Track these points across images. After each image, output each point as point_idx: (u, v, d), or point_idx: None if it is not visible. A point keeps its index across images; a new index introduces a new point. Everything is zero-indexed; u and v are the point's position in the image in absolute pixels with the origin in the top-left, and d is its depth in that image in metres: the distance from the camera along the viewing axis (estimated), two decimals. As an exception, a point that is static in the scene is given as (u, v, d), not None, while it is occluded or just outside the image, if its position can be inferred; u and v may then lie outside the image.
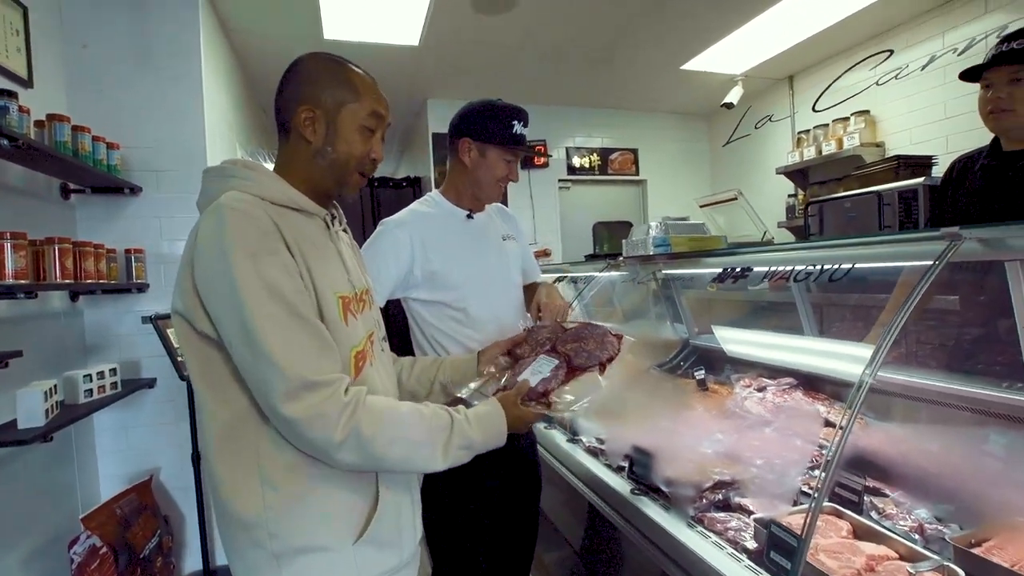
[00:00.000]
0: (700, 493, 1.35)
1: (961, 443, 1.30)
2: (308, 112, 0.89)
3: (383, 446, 0.81)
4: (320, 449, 0.79)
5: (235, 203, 0.80)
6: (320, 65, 0.93)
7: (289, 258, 0.81)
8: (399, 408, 0.86)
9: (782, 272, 1.38)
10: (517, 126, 1.42)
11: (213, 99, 2.67)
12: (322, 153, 0.91)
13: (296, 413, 0.76)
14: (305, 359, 0.77)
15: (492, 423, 0.96)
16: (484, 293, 1.45)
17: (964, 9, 3.10)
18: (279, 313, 0.77)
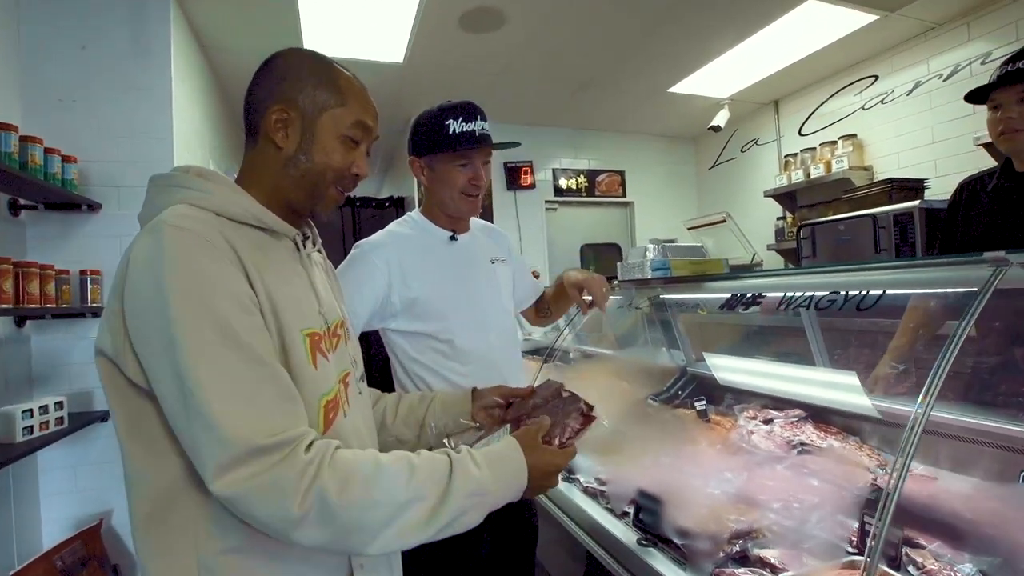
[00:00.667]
0: (718, 546, 1.21)
1: (1002, 486, 1.19)
2: (281, 113, 0.76)
3: (359, 512, 0.63)
4: (275, 528, 0.61)
5: (179, 220, 0.65)
6: (302, 61, 0.79)
7: (245, 288, 0.66)
8: (378, 459, 0.68)
9: (799, 300, 1.27)
10: (454, 124, 1.23)
11: (184, 115, 2.52)
12: (294, 161, 0.77)
13: (236, 487, 0.59)
14: (256, 418, 0.61)
15: (507, 461, 0.75)
16: (472, 323, 1.31)
17: (948, 36, 3.14)
18: (226, 358, 0.61)
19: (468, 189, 1.28)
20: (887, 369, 1.60)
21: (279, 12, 2.68)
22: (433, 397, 1.07)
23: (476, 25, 2.95)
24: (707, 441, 1.82)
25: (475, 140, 1.24)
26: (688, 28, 3.11)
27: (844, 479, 1.39)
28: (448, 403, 1.05)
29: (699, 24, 3.06)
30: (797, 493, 1.39)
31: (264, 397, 0.62)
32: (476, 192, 1.29)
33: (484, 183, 1.30)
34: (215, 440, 0.58)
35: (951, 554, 1.14)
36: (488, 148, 1.27)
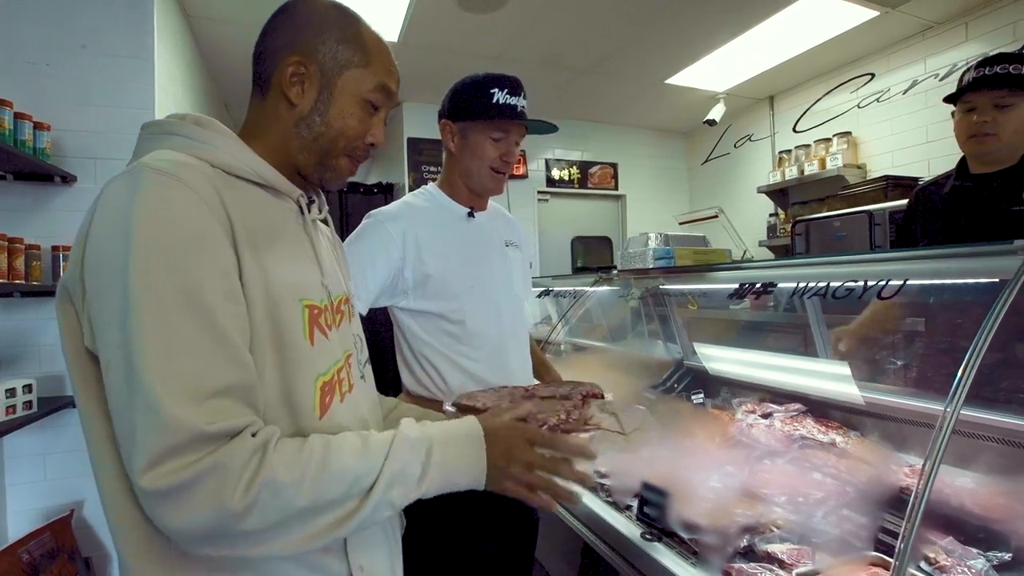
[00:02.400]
0: (726, 540, 1.18)
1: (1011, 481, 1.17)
2: (299, 66, 0.68)
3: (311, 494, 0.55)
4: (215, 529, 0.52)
5: (164, 164, 0.57)
6: (326, 10, 0.71)
7: (228, 251, 0.58)
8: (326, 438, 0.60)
9: (815, 289, 1.23)
10: (499, 94, 1.17)
11: (167, 86, 2.40)
12: (307, 122, 0.70)
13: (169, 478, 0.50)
14: (205, 401, 0.52)
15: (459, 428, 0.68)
16: (485, 305, 1.24)
17: (945, 36, 3.14)
18: (188, 330, 0.53)
19: (498, 164, 1.23)
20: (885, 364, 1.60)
21: (269, -18, 2.56)
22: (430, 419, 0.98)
23: (475, 4, 2.86)
24: (706, 434, 1.79)
25: (515, 115, 1.19)
26: (688, 18, 3.07)
27: (851, 475, 1.37)
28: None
29: (700, 14, 3.02)
30: (801, 488, 1.36)
31: (219, 380, 0.54)
32: (504, 169, 1.24)
33: (514, 161, 1.25)
34: (153, 423, 0.50)
35: (962, 549, 1.12)
36: (525, 126, 1.22)
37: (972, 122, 1.49)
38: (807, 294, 1.25)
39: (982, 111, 1.47)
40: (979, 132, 1.48)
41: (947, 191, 1.63)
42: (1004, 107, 1.44)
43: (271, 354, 0.61)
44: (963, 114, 1.53)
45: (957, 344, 1.50)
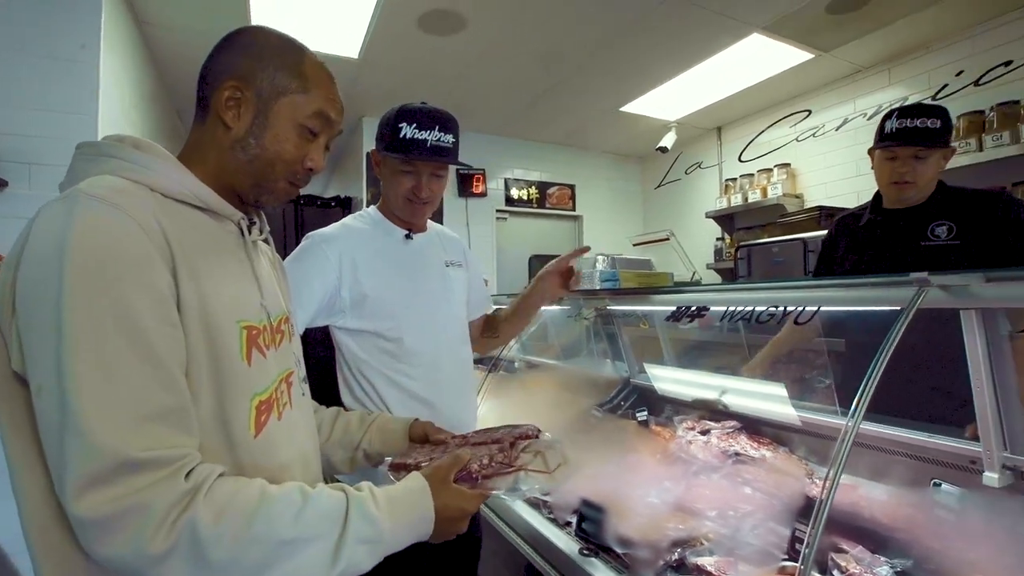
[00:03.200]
0: (658, 554, 1.22)
1: (915, 493, 1.27)
2: (235, 90, 0.70)
3: (237, 550, 0.55)
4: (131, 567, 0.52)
5: (100, 191, 0.58)
6: (268, 39, 0.73)
7: (165, 277, 0.58)
8: (264, 489, 0.60)
9: (741, 313, 1.31)
10: (406, 128, 1.17)
11: (112, 92, 2.34)
12: (243, 145, 0.71)
13: (97, 509, 0.50)
14: (136, 427, 0.52)
15: (412, 505, 0.69)
16: (422, 323, 1.27)
17: (872, 79, 3.42)
18: (122, 356, 0.53)
19: (409, 196, 1.24)
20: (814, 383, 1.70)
21: (227, -7, 2.55)
22: (372, 422, 0.99)
23: (436, 27, 2.92)
24: (648, 451, 1.85)
25: (422, 151, 1.19)
26: (641, 51, 3.22)
27: (776, 488, 1.45)
28: (386, 431, 0.98)
29: (651, 48, 3.18)
30: (733, 502, 1.43)
31: (150, 404, 0.54)
32: (416, 201, 1.24)
33: (428, 195, 1.24)
34: (83, 449, 0.50)
35: (870, 557, 1.21)
36: (432, 162, 1.22)
37: (893, 170, 1.60)
38: (735, 318, 1.33)
39: (903, 162, 1.58)
40: (900, 180, 1.59)
41: (863, 223, 1.76)
42: (922, 158, 1.56)
43: (207, 376, 0.62)
44: (885, 160, 1.63)
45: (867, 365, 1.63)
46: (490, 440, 0.85)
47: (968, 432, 1.24)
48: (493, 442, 0.84)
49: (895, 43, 3.13)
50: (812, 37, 3.05)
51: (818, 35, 3.03)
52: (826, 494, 0.86)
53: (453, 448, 0.85)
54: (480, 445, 0.84)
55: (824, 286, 1.22)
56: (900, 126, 1.58)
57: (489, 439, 0.86)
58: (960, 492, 1.23)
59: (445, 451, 0.85)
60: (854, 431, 0.90)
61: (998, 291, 1.07)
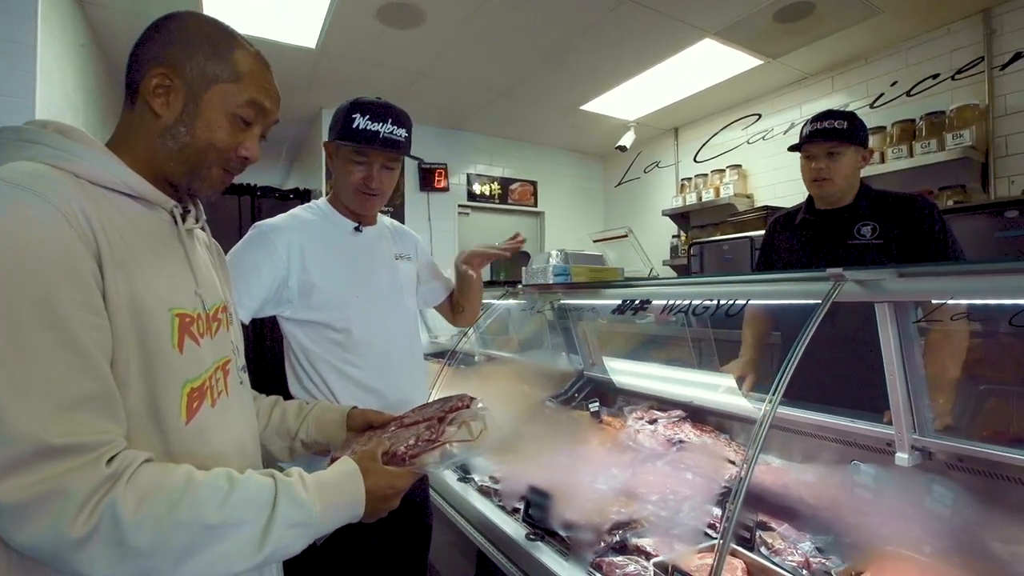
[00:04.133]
0: (599, 536, 1.28)
1: (835, 474, 1.37)
2: (163, 78, 0.69)
3: (159, 534, 0.55)
4: (49, 551, 0.52)
5: (21, 177, 0.57)
6: (199, 26, 0.73)
7: (88, 263, 0.58)
8: (191, 474, 0.60)
9: (680, 306, 1.38)
10: (359, 119, 1.20)
11: (53, 77, 2.23)
12: (172, 133, 0.70)
13: (12, 495, 0.49)
14: (54, 414, 0.52)
15: (342, 488, 0.70)
16: (370, 314, 1.28)
17: (816, 86, 3.59)
18: (35, 341, 0.53)
19: (360, 187, 1.26)
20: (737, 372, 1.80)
21: (176, -23, 2.47)
22: (309, 412, 1.00)
23: (395, 19, 2.90)
24: (598, 440, 1.92)
25: (373, 142, 1.21)
26: (598, 52, 3.29)
27: (714, 472, 1.53)
28: (323, 422, 0.98)
29: (609, 48, 3.25)
30: (673, 486, 1.50)
31: (71, 391, 0.54)
32: (367, 191, 1.26)
33: (378, 186, 1.26)
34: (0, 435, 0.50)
35: (795, 535, 1.30)
36: (386, 153, 1.24)
37: (811, 168, 1.75)
38: (674, 311, 1.39)
39: (818, 160, 1.72)
40: (817, 177, 1.73)
41: (797, 223, 1.88)
42: (835, 154, 1.69)
43: (136, 363, 0.62)
44: (804, 161, 1.79)
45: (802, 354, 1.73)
46: (423, 419, 0.88)
47: (886, 417, 1.35)
48: (424, 420, 0.88)
49: (838, 53, 3.30)
50: (761, 44, 3.19)
51: (767, 42, 3.17)
52: (744, 473, 0.92)
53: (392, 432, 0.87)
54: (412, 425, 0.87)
55: (750, 281, 1.30)
56: (813, 128, 1.73)
57: (423, 417, 0.89)
58: (876, 472, 1.33)
59: (384, 436, 0.87)
60: (771, 414, 0.97)
61: (909, 286, 1.16)
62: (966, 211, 2.49)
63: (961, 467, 1.23)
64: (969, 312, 1.19)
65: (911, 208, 1.67)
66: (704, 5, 2.79)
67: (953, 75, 2.94)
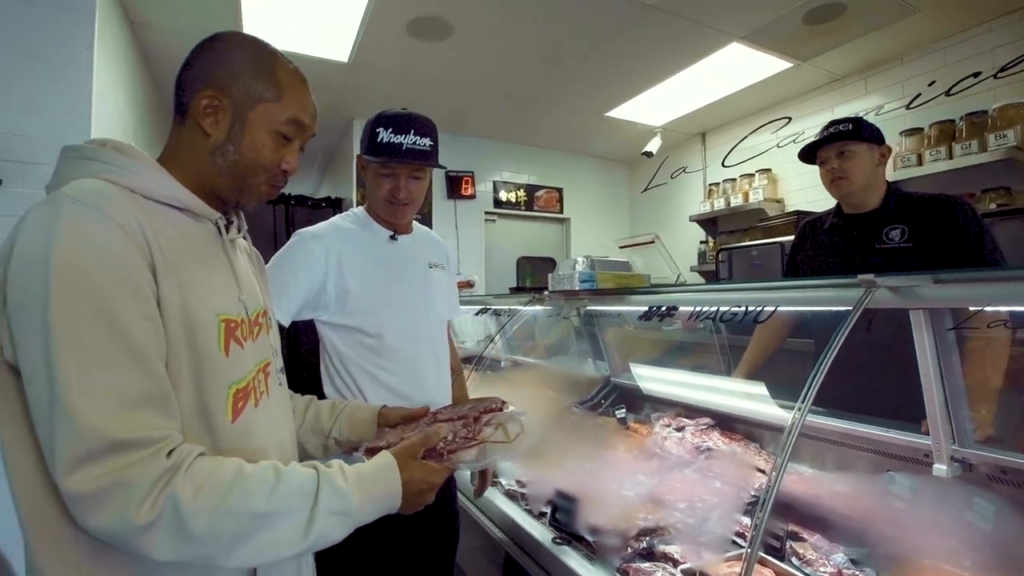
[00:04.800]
0: (626, 542, 1.28)
1: (870, 484, 1.34)
2: (212, 99, 0.74)
3: (214, 522, 0.59)
4: (118, 536, 0.57)
5: (83, 194, 0.62)
6: (242, 47, 0.77)
7: (145, 274, 0.63)
8: (241, 467, 0.64)
9: (707, 312, 1.38)
10: (383, 133, 1.24)
11: (107, 94, 2.37)
12: (222, 151, 0.75)
13: (86, 485, 0.55)
14: (119, 412, 0.57)
15: (380, 480, 0.74)
16: (403, 321, 1.32)
17: (849, 88, 3.52)
18: (101, 347, 0.58)
19: (389, 198, 1.30)
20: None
21: (218, -5, 2.59)
22: (342, 411, 1.04)
23: (424, 33, 2.98)
24: (625, 447, 1.91)
25: (397, 154, 1.25)
26: (624, 58, 3.30)
27: (743, 480, 1.51)
28: (355, 421, 1.02)
29: (635, 55, 3.26)
30: (701, 494, 1.49)
31: (133, 391, 0.59)
32: (395, 202, 1.30)
33: (407, 196, 1.30)
34: (72, 432, 0.55)
35: (828, 546, 1.27)
36: (409, 164, 1.28)
37: (827, 171, 1.76)
38: (701, 317, 1.39)
39: (831, 161, 1.73)
40: (834, 177, 1.74)
41: (827, 227, 1.86)
42: (846, 153, 1.70)
43: (186, 366, 0.67)
44: (822, 168, 1.80)
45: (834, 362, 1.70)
46: (456, 416, 0.90)
47: (923, 427, 1.31)
48: (459, 418, 0.90)
49: (871, 53, 3.23)
50: (790, 47, 3.14)
51: (796, 45, 3.12)
52: (772, 480, 0.92)
53: (423, 426, 0.90)
54: (447, 421, 0.89)
55: (780, 287, 1.28)
56: (820, 136, 1.77)
57: (456, 415, 0.91)
58: (913, 483, 1.30)
59: (416, 429, 0.90)
60: (800, 422, 0.96)
61: (945, 292, 1.13)
62: (1010, 214, 2.40)
63: (1005, 480, 1.18)
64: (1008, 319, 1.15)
65: (942, 208, 1.63)
66: (730, 10, 2.77)
67: (995, 73, 2.84)
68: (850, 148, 1.70)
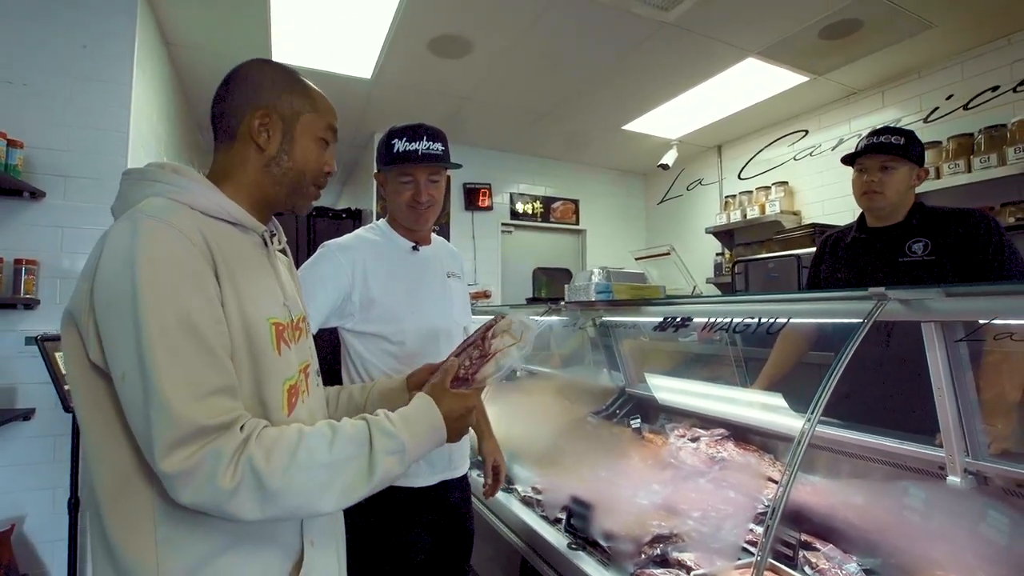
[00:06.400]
0: (640, 548, 1.31)
1: (884, 496, 1.35)
2: (264, 117, 0.83)
3: (287, 478, 0.67)
4: (210, 503, 0.65)
5: (156, 211, 0.70)
6: (275, 72, 0.87)
7: (212, 280, 0.71)
8: (301, 429, 0.73)
9: (721, 324, 1.41)
10: (399, 143, 1.34)
11: (143, 109, 2.50)
12: (277, 161, 0.85)
13: (180, 464, 0.63)
14: (203, 401, 0.65)
15: (422, 418, 0.83)
16: (423, 329, 1.38)
17: (865, 102, 3.52)
18: (186, 346, 0.66)
19: (411, 203, 1.38)
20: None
21: (250, 15, 2.71)
22: (372, 387, 1.12)
23: (445, 51, 3.07)
24: (639, 456, 1.94)
25: (413, 158, 1.34)
26: (641, 73, 3.35)
27: (756, 490, 1.53)
28: (385, 392, 1.10)
29: (651, 70, 3.31)
30: (714, 503, 1.51)
31: (211, 384, 0.66)
32: (418, 206, 1.38)
33: (427, 198, 1.38)
34: (166, 419, 0.62)
35: (841, 556, 1.29)
36: (428, 167, 1.36)
37: (863, 181, 1.74)
38: (716, 328, 1.42)
39: (871, 172, 1.71)
40: (869, 190, 1.72)
41: (848, 241, 1.86)
42: (888, 169, 1.68)
43: (247, 363, 0.74)
44: (857, 174, 1.78)
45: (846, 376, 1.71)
46: (466, 346, 0.99)
47: (937, 439, 1.32)
48: (469, 346, 0.98)
49: (887, 67, 3.24)
50: (806, 61, 3.17)
51: (812, 59, 3.15)
52: (782, 490, 0.94)
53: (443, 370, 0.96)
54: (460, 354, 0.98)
55: (792, 300, 1.31)
56: (868, 142, 1.73)
57: (465, 346, 0.99)
58: (927, 495, 1.30)
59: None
60: (810, 432, 0.99)
61: (956, 305, 1.15)
62: (1030, 228, 2.39)
63: (1020, 493, 1.19)
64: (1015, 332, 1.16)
65: (965, 222, 1.63)
66: (746, 26, 2.81)
67: (1015, 87, 2.83)
68: (894, 164, 1.68)
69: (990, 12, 2.69)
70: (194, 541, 0.70)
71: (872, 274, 1.75)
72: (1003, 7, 2.66)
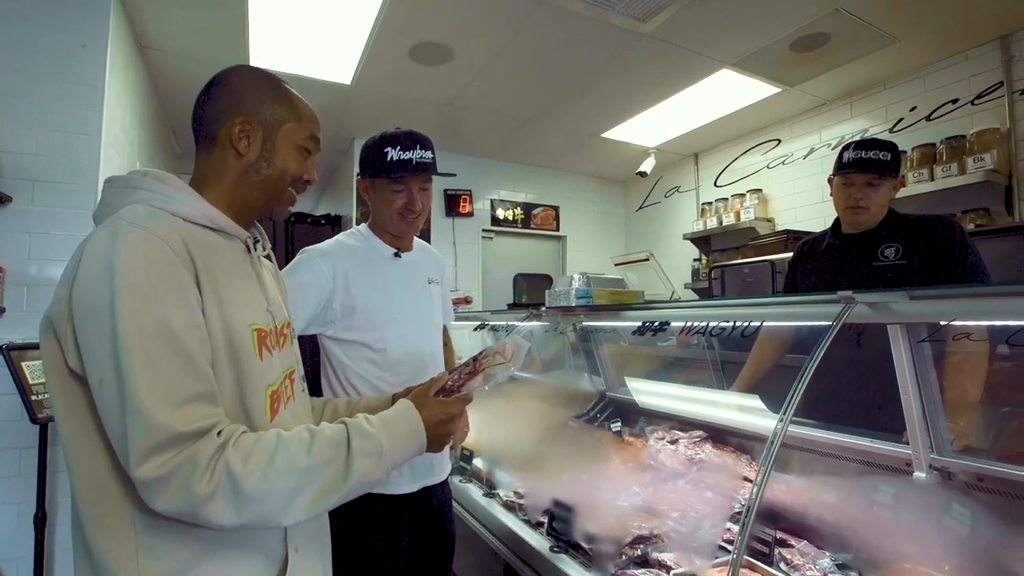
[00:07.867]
0: (621, 549, 1.33)
1: (855, 492, 1.39)
2: (244, 124, 0.83)
3: (265, 482, 0.67)
4: (187, 509, 0.64)
5: (137, 219, 0.70)
6: (259, 79, 0.87)
7: (192, 287, 0.71)
8: (279, 433, 0.72)
9: (698, 328, 1.44)
10: (392, 152, 1.32)
11: (115, 113, 2.45)
12: (256, 167, 0.84)
13: (155, 471, 0.62)
14: (179, 408, 0.65)
15: (401, 420, 0.82)
16: (405, 335, 1.38)
17: (835, 112, 3.65)
18: (163, 353, 0.65)
19: (403, 212, 1.37)
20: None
21: (227, 19, 2.68)
22: (357, 403, 1.11)
23: (425, 57, 3.08)
24: (620, 459, 1.96)
25: (409, 168, 1.33)
26: (618, 83, 3.41)
27: (732, 490, 1.57)
28: (371, 407, 1.07)
29: (628, 79, 3.37)
30: (693, 503, 1.54)
31: (188, 390, 0.66)
32: (410, 215, 1.38)
33: (419, 207, 1.38)
34: (142, 427, 0.62)
35: (815, 551, 1.32)
36: (421, 177, 1.36)
37: (849, 195, 1.76)
38: (692, 332, 1.45)
39: (858, 188, 1.74)
40: (855, 205, 1.75)
41: (823, 247, 1.92)
42: (874, 185, 1.72)
43: (228, 369, 0.74)
44: (842, 186, 1.79)
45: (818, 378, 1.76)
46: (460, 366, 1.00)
47: (904, 437, 1.37)
48: (463, 366, 0.99)
49: (855, 79, 3.36)
50: (778, 73, 3.27)
51: (784, 71, 3.25)
52: (756, 489, 0.97)
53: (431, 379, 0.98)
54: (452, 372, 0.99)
55: (765, 304, 1.35)
56: (856, 156, 1.74)
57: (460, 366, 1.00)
58: (895, 491, 1.35)
59: None
60: (783, 432, 1.02)
61: (919, 308, 1.20)
62: (989, 234, 2.49)
63: (982, 487, 1.24)
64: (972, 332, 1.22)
65: (933, 228, 1.69)
66: (721, 38, 2.89)
67: (973, 100, 2.96)
68: (880, 181, 1.71)
69: (950, 29, 2.82)
70: (175, 547, 0.69)
71: (847, 278, 1.80)
72: (962, 25, 2.79)
